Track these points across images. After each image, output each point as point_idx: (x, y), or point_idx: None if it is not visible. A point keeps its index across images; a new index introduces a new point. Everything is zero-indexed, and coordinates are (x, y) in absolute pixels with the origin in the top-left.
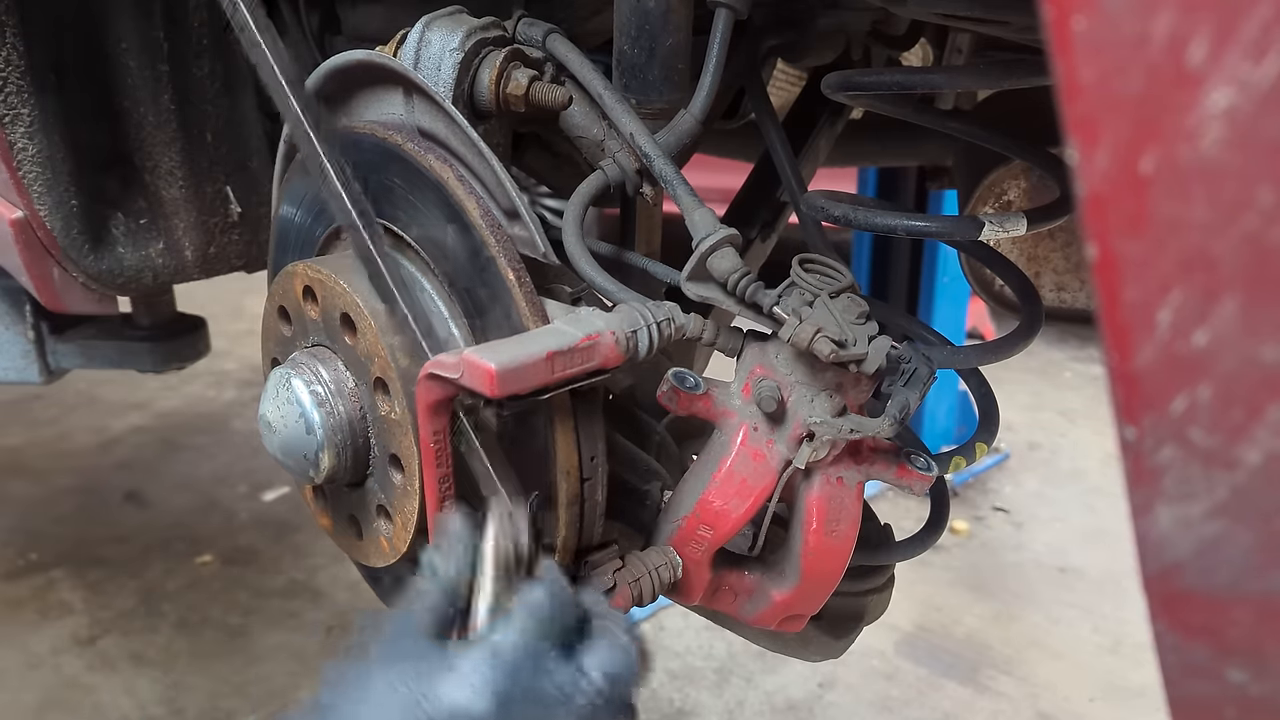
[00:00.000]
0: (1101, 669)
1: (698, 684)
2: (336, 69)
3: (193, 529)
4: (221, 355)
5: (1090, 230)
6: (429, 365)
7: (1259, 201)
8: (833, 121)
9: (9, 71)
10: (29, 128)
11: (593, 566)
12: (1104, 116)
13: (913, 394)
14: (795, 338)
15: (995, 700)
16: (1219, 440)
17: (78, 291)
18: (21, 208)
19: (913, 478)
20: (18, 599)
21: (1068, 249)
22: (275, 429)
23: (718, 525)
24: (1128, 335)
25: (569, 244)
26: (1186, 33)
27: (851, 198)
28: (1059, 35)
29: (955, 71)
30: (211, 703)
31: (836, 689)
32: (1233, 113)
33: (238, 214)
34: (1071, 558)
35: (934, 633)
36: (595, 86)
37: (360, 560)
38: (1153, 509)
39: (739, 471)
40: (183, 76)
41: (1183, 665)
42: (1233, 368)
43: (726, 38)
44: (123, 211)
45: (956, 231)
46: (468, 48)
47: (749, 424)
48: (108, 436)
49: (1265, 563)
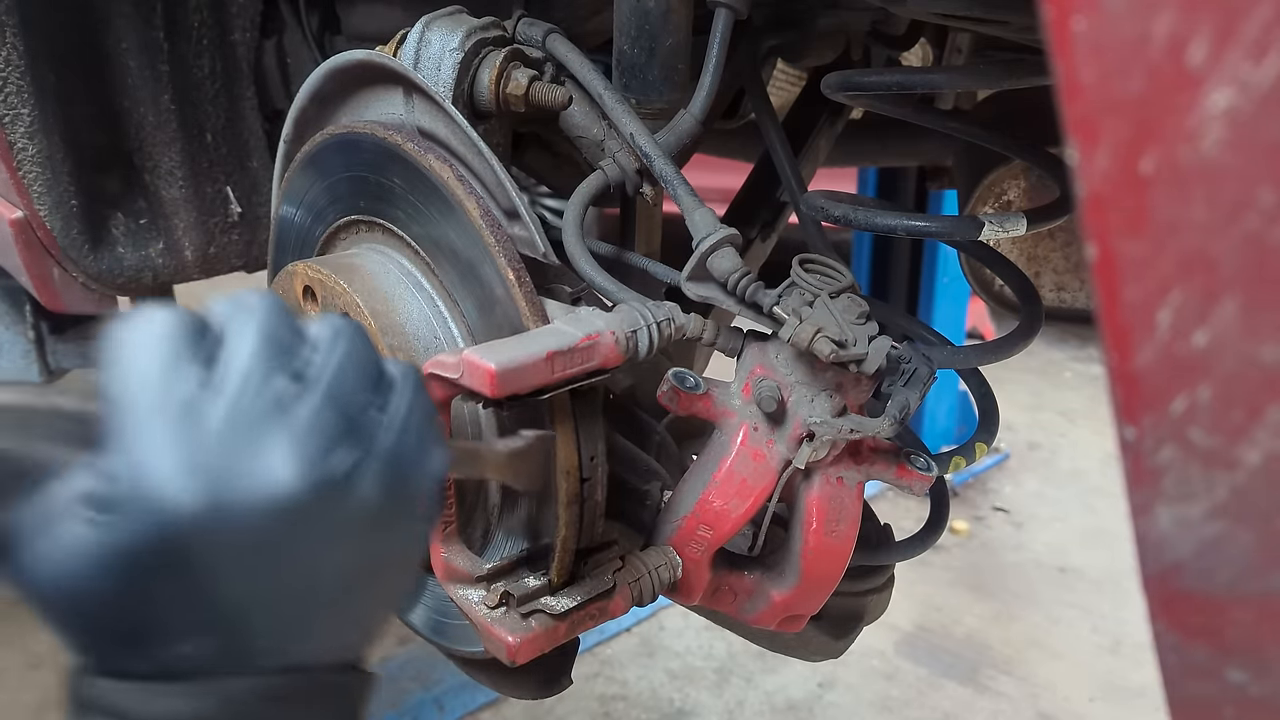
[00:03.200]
0: (1101, 669)
1: (698, 684)
2: (336, 69)
3: None
4: None
5: (1090, 230)
6: (428, 365)
7: (1259, 202)
8: (833, 121)
9: (9, 71)
10: (29, 128)
11: (593, 566)
12: (1104, 117)
13: (913, 394)
14: (795, 338)
15: (995, 700)
16: (1219, 441)
17: (78, 291)
18: (21, 208)
19: (913, 478)
20: None
21: (1068, 249)
22: None
23: (718, 525)
24: (1128, 335)
25: (569, 244)
26: (1187, 33)
27: (851, 198)
28: (1059, 35)
29: (955, 71)
30: None
31: (836, 689)
32: (1233, 113)
33: (238, 214)
34: (1071, 558)
35: (934, 633)
36: (595, 86)
37: None
38: (1152, 509)
39: (739, 471)
40: (183, 76)
41: (1183, 665)
42: (1233, 368)
43: (726, 38)
44: (123, 211)
45: (956, 231)
46: (468, 48)
47: (749, 424)
48: None
49: (1265, 563)
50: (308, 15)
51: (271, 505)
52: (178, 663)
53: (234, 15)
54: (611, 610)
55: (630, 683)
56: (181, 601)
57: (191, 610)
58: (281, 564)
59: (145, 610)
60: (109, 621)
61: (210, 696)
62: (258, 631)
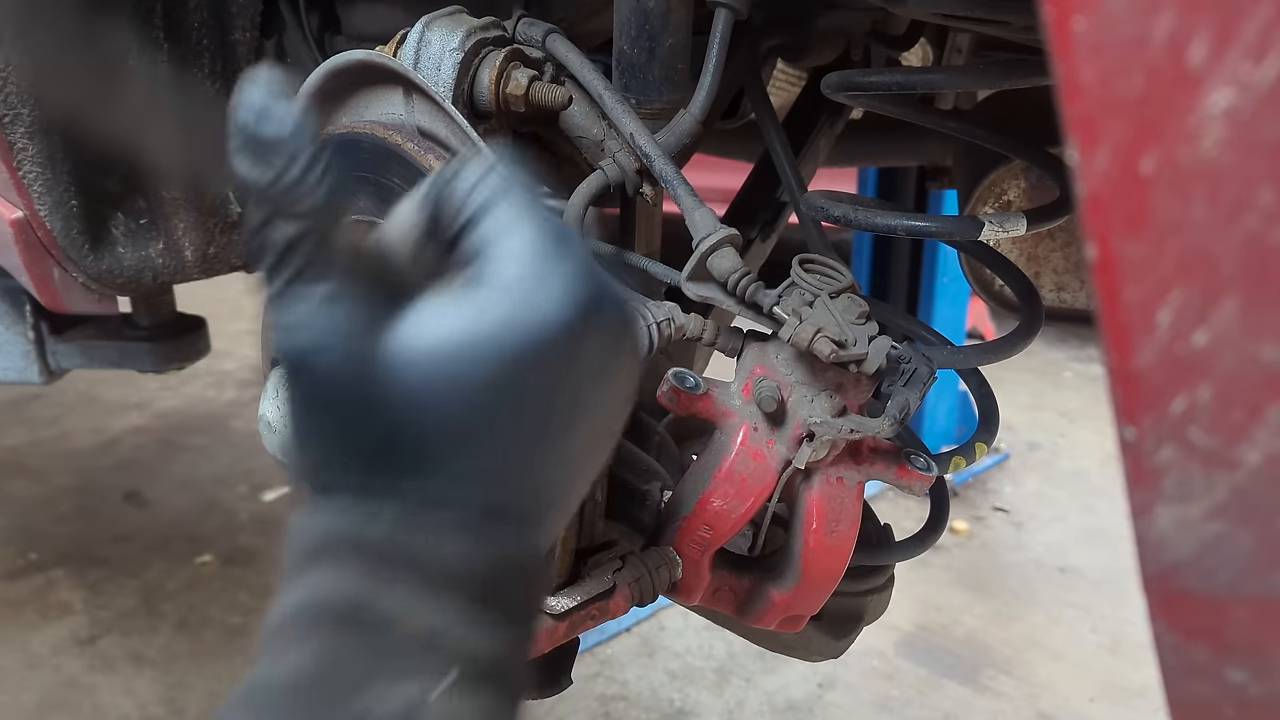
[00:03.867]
0: (1101, 669)
1: (698, 684)
2: (336, 69)
3: (193, 529)
4: (221, 355)
5: (1090, 230)
6: None
7: (1259, 202)
8: (833, 121)
9: (9, 71)
10: (29, 128)
11: (593, 567)
12: (1104, 117)
13: (913, 394)
14: (795, 338)
15: (995, 700)
16: (1219, 441)
17: (78, 291)
18: (21, 208)
19: (913, 478)
20: (18, 599)
21: (1068, 249)
22: (275, 429)
23: (717, 525)
24: (1127, 335)
25: None
26: (1187, 33)
27: (851, 198)
28: (1059, 36)
29: (955, 71)
30: (211, 703)
31: (836, 689)
32: (1233, 113)
33: (238, 214)
34: (1071, 558)
35: (934, 633)
36: (595, 86)
37: None
38: (1152, 509)
39: (739, 471)
40: (183, 76)
41: (1182, 665)
42: (1233, 368)
43: (726, 38)
44: (123, 211)
45: (956, 231)
46: (467, 48)
47: (749, 424)
48: (108, 436)
49: (1265, 564)
50: (308, 15)
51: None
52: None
53: (234, 15)
54: (611, 610)
55: (630, 683)
56: (505, 414)
57: (502, 433)
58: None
59: (479, 419)
60: (444, 425)
61: (493, 546)
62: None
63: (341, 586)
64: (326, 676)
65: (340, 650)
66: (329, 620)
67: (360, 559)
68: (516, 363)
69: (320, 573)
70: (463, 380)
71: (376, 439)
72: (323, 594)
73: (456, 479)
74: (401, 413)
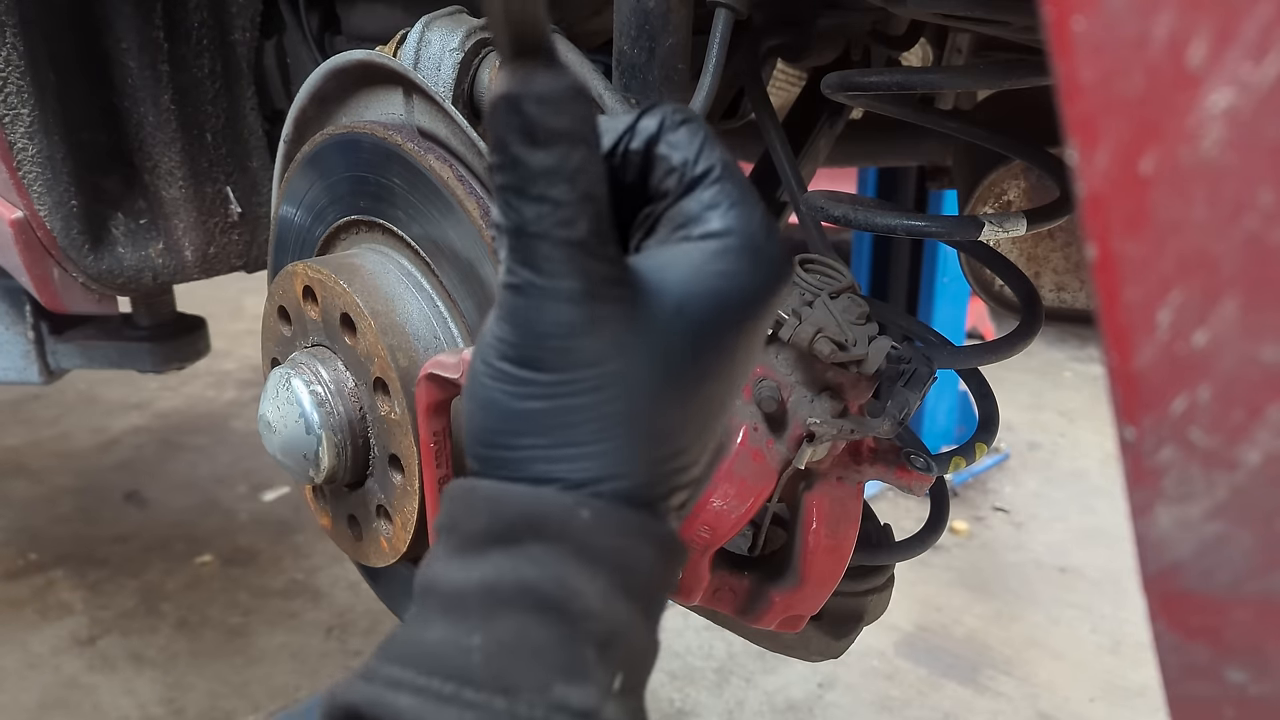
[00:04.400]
0: (1101, 669)
1: (698, 684)
2: (336, 69)
3: (193, 529)
4: (221, 355)
5: (1090, 230)
6: (428, 365)
7: (1259, 202)
8: (833, 121)
9: (9, 71)
10: (29, 128)
11: None
12: (1104, 117)
13: (913, 394)
14: (795, 338)
15: (995, 700)
16: (1219, 441)
17: (78, 291)
18: (21, 208)
19: (913, 478)
20: (18, 599)
21: (1068, 249)
22: (275, 429)
23: (717, 526)
24: (1127, 335)
25: None
26: (1187, 33)
27: (851, 198)
28: (1059, 35)
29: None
30: (211, 703)
31: (836, 689)
32: (1233, 113)
33: (238, 214)
34: (1071, 558)
35: (934, 633)
36: (595, 86)
37: (360, 560)
38: (1152, 509)
39: (739, 472)
40: (183, 76)
41: (1182, 665)
42: (1233, 368)
43: (726, 38)
44: (123, 211)
45: (956, 231)
46: (468, 47)
47: (749, 424)
48: (107, 436)
49: (1265, 564)
50: (308, 15)
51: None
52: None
53: (234, 15)
54: None
55: None
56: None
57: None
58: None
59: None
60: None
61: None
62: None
63: (550, 572)
64: (525, 658)
65: (542, 635)
66: (530, 602)
67: (566, 547)
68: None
69: (525, 552)
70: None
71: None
72: (527, 575)
73: (662, 466)
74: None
